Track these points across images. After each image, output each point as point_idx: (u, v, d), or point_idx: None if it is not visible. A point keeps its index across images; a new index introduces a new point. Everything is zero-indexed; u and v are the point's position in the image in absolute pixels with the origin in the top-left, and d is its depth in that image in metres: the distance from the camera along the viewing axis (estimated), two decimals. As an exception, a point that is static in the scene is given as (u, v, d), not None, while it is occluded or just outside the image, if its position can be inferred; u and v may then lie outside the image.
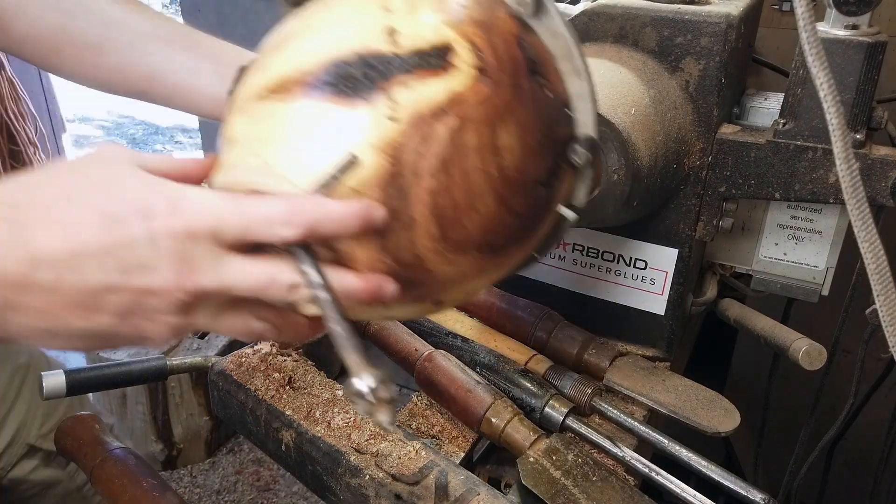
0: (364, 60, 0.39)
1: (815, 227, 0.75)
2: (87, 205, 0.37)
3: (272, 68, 0.42)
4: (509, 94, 0.41)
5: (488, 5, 0.43)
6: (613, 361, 0.75)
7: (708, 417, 0.68)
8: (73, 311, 0.37)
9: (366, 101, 0.39)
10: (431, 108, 0.39)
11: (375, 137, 0.38)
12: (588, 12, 0.67)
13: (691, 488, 0.61)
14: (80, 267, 0.36)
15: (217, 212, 0.37)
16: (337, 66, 0.39)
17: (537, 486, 0.62)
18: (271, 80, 0.41)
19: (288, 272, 0.39)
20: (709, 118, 0.65)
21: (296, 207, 0.37)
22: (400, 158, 0.39)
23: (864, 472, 1.08)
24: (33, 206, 0.37)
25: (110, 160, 0.39)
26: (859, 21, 0.62)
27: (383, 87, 0.39)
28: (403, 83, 0.39)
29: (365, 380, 0.38)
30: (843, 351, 0.87)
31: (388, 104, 0.39)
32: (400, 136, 0.38)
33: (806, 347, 0.70)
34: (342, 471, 0.64)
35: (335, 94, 0.39)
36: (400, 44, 0.40)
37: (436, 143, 0.39)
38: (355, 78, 0.39)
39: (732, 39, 0.62)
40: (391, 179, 0.39)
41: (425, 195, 0.39)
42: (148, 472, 0.70)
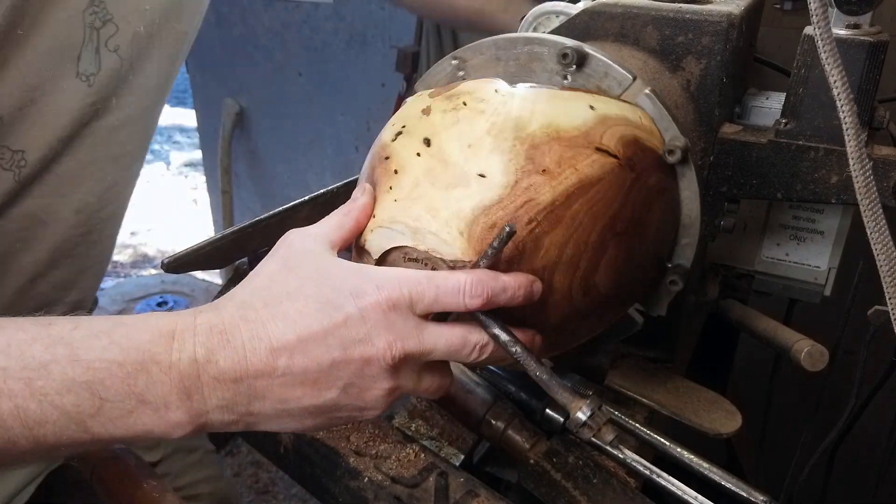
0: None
1: (818, 227, 0.75)
2: (305, 297, 0.43)
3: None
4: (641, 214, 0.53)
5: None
6: (614, 363, 0.75)
7: (709, 419, 0.68)
8: (306, 389, 0.44)
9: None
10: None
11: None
12: (588, 11, 0.67)
13: (693, 490, 0.61)
14: (308, 350, 0.43)
15: (412, 285, 0.44)
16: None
17: (538, 489, 0.62)
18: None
19: (477, 334, 0.47)
20: (710, 118, 0.65)
21: (478, 280, 0.45)
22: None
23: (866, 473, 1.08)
24: (264, 305, 0.43)
25: (309, 251, 0.47)
26: (861, 20, 0.61)
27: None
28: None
29: (584, 412, 0.47)
30: (845, 352, 0.86)
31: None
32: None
33: (808, 348, 0.69)
34: (341, 473, 0.63)
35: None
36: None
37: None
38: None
39: (734, 39, 0.62)
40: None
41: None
42: (148, 474, 0.70)
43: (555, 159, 0.49)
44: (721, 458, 1.16)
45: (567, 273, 0.49)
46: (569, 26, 0.67)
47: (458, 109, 0.52)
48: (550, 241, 0.48)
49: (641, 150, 0.53)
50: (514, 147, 0.49)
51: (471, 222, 0.47)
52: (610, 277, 0.51)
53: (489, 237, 0.47)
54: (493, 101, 0.52)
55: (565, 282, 0.49)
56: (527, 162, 0.48)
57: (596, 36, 0.67)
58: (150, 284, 2.83)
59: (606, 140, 0.51)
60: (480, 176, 0.48)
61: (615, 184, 0.50)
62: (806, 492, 0.94)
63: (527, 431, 0.66)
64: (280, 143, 2.37)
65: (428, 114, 0.53)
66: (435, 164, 0.50)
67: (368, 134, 2.15)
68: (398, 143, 0.53)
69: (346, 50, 2.10)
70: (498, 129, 0.50)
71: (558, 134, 0.50)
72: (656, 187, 0.54)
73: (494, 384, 0.71)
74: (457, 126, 0.51)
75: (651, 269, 0.58)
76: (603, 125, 0.52)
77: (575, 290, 0.50)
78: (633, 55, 0.64)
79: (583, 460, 0.64)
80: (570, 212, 0.48)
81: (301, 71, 2.22)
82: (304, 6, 2.14)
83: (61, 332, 0.41)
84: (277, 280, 0.45)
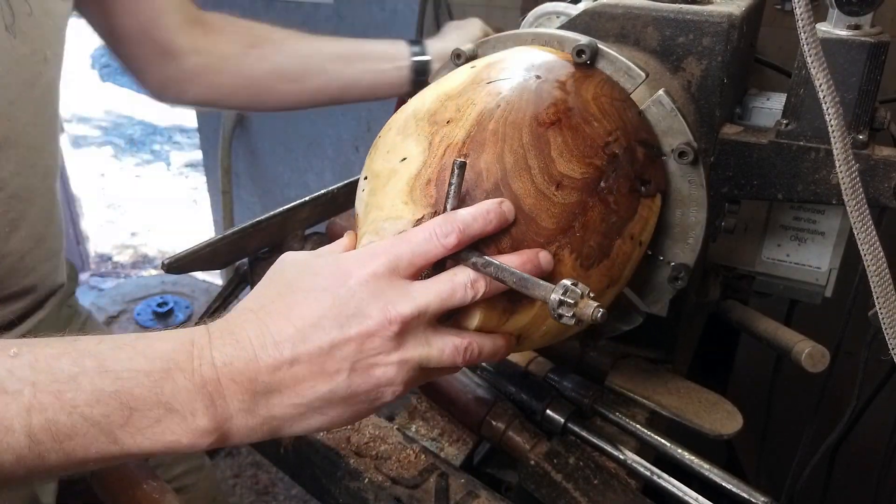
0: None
1: (818, 228, 0.75)
2: (294, 291, 0.46)
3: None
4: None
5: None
6: (615, 363, 0.75)
7: (710, 420, 0.68)
8: (316, 376, 0.45)
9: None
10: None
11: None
12: (589, 11, 0.67)
13: (693, 491, 0.61)
14: (307, 336, 0.44)
15: (387, 249, 0.46)
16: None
17: (538, 490, 0.62)
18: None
19: (461, 272, 0.47)
20: (711, 118, 0.65)
21: (444, 219, 0.46)
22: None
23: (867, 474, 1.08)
24: (260, 307, 0.46)
25: (294, 259, 0.49)
26: (861, 21, 0.61)
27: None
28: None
29: (557, 292, 0.44)
30: (846, 353, 0.86)
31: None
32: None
33: (809, 349, 0.69)
34: (341, 474, 0.63)
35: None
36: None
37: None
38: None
39: (735, 39, 0.62)
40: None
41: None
42: (148, 474, 0.69)
43: (453, 109, 0.54)
44: (722, 458, 1.16)
45: (521, 177, 0.50)
46: (569, 27, 0.67)
47: (376, 142, 0.59)
48: (485, 160, 0.50)
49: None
50: (418, 125, 0.54)
51: (409, 191, 0.51)
52: (573, 162, 0.52)
53: (430, 190, 0.50)
54: (395, 117, 0.59)
55: (527, 185, 0.50)
56: (431, 126, 0.54)
57: (596, 36, 0.67)
58: (151, 285, 2.83)
59: (495, 74, 0.56)
60: (403, 160, 0.53)
61: (519, 92, 0.54)
62: (807, 493, 0.94)
63: (527, 432, 0.66)
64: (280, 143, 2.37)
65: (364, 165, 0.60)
66: (372, 184, 0.55)
67: (368, 134, 2.15)
68: (356, 200, 0.58)
69: (346, 50, 2.10)
70: (402, 126, 0.56)
71: (448, 94, 0.56)
72: (571, 78, 0.57)
73: (495, 385, 0.71)
74: (376, 149, 0.58)
75: (627, 142, 0.56)
76: (487, 69, 0.58)
77: (544, 187, 0.51)
78: (633, 56, 0.64)
79: (583, 461, 0.64)
80: (489, 132, 0.51)
81: (301, 71, 2.22)
82: (305, 6, 2.14)
83: (87, 346, 0.43)
84: (268, 286, 0.48)
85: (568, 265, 0.52)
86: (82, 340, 0.43)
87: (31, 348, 0.42)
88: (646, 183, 0.58)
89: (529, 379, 0.72)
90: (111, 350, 0.43)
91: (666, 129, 0.59)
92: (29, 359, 0.41)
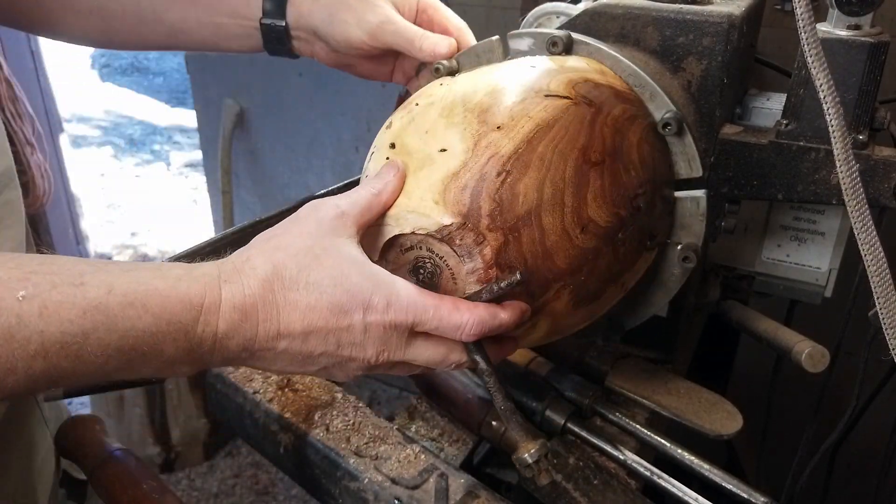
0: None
1: (818, 228, 0.75)
2: (321, 292, 0.46)
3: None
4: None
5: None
6: (615, 364, 0.75)
7: (710, 420, 0.68)
8: (294, 365, 0.49)
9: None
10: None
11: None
12: (589, 12, 0.67)
13: (693, 492, 0.61)
14: (307, 340, 0.47)
15: (419, 313, 0.47)
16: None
17: (538, 490, 0.62)
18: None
19: (457, 353, 0.50)
20: (711, 118, 0.64)
21: (479, 322, 0.48)
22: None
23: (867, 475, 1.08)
24: (282, 287, 0.46)
25: (337, 241, 0.48)
26: (861, 21, 0.61)
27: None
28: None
29: (532, 455, 0.52)
30: (846, 353, 0.86)
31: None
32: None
33: (809, 350, 0.69)
34: (341, 474, 0.63)
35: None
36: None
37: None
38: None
39: (735, 39, 0.62)
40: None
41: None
42: (148, 475, 0.69)
43: (506, 115, 0.51)
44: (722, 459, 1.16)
45: (554, 212, 0.50)
46: (569, 27, 0.67)
47: (412, 111, 0.56)
48: (525, 185, 0.49)
49: (595, 87, 0.56)
50: (466, 117, 0.52)
51: (443, 190, 0.49)
52: (603, 209, 0.52)
53: (463, 197, 0.49)
54: (438, 91, 0.56)
55: (556, 222, 0.50)
56: (480, 125, 0.51)
57: (597, 36, 0.67)
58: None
59: (554, 87, 0.54)
60: (442, 151, 0.51)
61: (575, 120, 0.52)
62: (807, 493, 0.94)
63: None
64: (280, 143, 2.37)
65: (390, 126, 0.57)
66: (401, 159, 0.53)
67: (368, 134, 2.15)
68: (373, 161, 0.56)
69: (346, 50, 2.10)
70: (448, 109, 0.53)
71: (503, 92, 0.53)
72: (623, 116, 0.55)
73: (495, 385, 0.71)
74: (413, 123, 0.54)
75: (652, 196, 0.57)
76: (547, 76, 0.55)
77: (570, 227, 0.50)
78: (633, 56, 0.64)
79: (583, 461, 0.64)
80: (536, 154, 0.50)
81: (301, 71, 2.22)
82: (305, 6, 2.14)
83: (97, 296, 0.42)
84: (302, 265, 0.47)
85: (562, 303, 0.53)
86: (90, 287, 0.42)
87: (37, 290, 0.41)
88: (653, 238, 0.59)
89: (529, 379, 0.72)
90: (121, 306, 0.42)
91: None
92: (38, 305, 0.40)
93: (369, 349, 0.48)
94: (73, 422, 0.77)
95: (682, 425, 0.68)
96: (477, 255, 0.49)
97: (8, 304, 0.39)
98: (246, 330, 0.46)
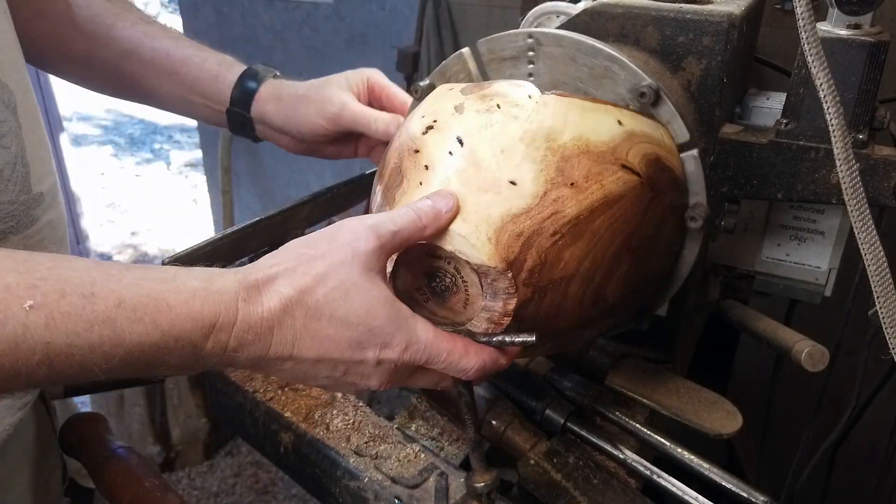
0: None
1: (818, 227, 0.75)
2: (342, 325, 0.46)
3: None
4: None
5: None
6: (615, 363, 0.75)
7: (710, 419, 0.68)
8: (293, 378, 0.50)
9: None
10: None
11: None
12: (589, 11, 0.67)
13: (693, 491, 0.61)
14: (316, 366, 0.48)
15: (432, 354, 0.48)
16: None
17: (538, 489, 0.62)
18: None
19: (448, 381, 0.53)
20: (711, 118, 0.64)
21: (483, 368, 0.50)
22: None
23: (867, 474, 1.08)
24: (304, 316, 0.46)
25: (367, 280, 0.47)
26: (861, 20, 0.61)
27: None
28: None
29: (486, 486, 0.56)
30: (846, 352, 0.86)
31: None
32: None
33: (808, 349, 0.69)
34: (341, 473, 0.63)
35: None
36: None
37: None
38: None
39: (734, 39, 0.62)
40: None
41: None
42: (150, 472, 0.70)
43: (583, 173, 0.50)
44: (721, 458, 1.16)
45: (582, 285, 0.50)
46: (569, 27, 0.67)
47: (492, 112, 0.51)
48: (571, 254, 0.49)
49: (661, 169, 0.55)
50: (546, 157, 0.49)
51: (499, 229, 0.48)
52: (619, 290, 0.53)
53: (515, 245, 0.48)
54: (526, 107, 0.51)
55: (579, 293, 0.50)
56: (556, 174, 0.49)
57: (596, 36, 0.67)
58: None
59: (632, 157, 0.52)
60: (511, 183, 0.49)
61: (636, 202, 0.52)
62: (807, 492, 0.94)
63: (527, 432, 0.66)
64: (280, 142, 2.37)
65: (461, 112, 0.52)
66: (467, 166, 0.50)
67: (368, 134, 2.15)
68: (429, 138, 0.52)
69: (346, 50, 2.10)
70: (531, 136, 0.50)
71: (588, 147, 0.51)
72: (670, 206, 0.56)
73: (494, 384, 0.71)
74: (490, 129, 0.51)
75: (654, 283, 0.59)
76: (629, 142, 0.53)
77: (586, 301, 0.51)
78: (633, 55, 0.64)
79: (583, 461, 0.64)
80: (593, 227, 0.49)
81: (301, 71, 2.22)
82: (304, 6, 2.14)
83: (105, 309, 0.41)
84: (330, 297, 0.46)
85: (542, 350, 0.57)
86: (99, 298, 0.41)
87: (45, 300, 0.40)
88: (643, 312, 0.61)
89: (529, 378, 0.72)
90: (129, 321, 0.42)
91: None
92: (45, 316, 0.40)
93: (374, 380, 0.49)
94: (77, 419, 0.78)
95: (681, 424, 0.68)
96: (500, 300, 0.49)
97: (14, 312, 0.39)
98: (257, 348, 0.46)
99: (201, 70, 0.82)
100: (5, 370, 0.39)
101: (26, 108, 0.61)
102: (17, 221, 0.60)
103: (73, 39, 0.79)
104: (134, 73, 0.81)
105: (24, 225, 0.60)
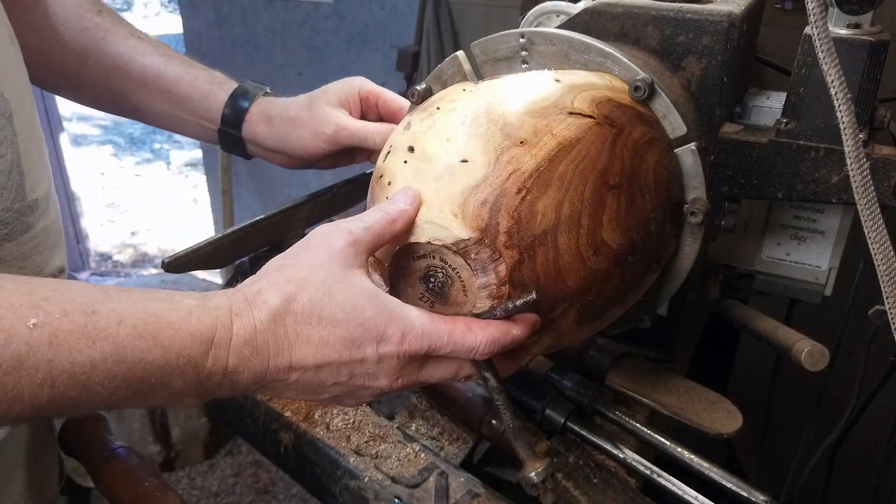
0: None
1: (818, 227, 0.75)
2: (334, 326, 0.46)
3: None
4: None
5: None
6: (615, 363, 0.75)
7: (710, 419, 0.68)
8: (304, 394, 0.50)
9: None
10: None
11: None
12: (589, 10, 0.67)
13: (693, 490, 0.61)
14: (319, 373, 0.47)
15: (433, 340, 0.48)
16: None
17: (538, 489, 0.62)
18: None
19: (468, 367, 0.51)
20: (711, 117, 0.65)
21: (492, 341, 0.48)
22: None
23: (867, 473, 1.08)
24: (295, 322, 0.46)
25: (349, 276, 0.47)
26: (861, 20, 0.61)
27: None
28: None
29: (538, 474, 0.52)
30: (846, 352, 0.86)
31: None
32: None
33: (808, 348, 0.69)
34: (341, 473, 0.63)
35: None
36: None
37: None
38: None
39: (734, 38, 0.62)
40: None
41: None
42: (150, 472, 0.70)
43: (530, 130, 0.51)
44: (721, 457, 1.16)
45: (570, 233, 0.50)
46: (569, 26, 0.67)
47: (433, 114, 0.55)
48: (544, 204, 0.49)
49: (618, 108, 0.55)
50: (489, 129, 0.51)
51: (462, 203, 0.49)
52: (617, 232, 0.52)
53: (483, 213, 0.49)
54: (462, 98, 0.55)
55: (571, 242, 0.50)
56: (503, 138, 0.51)
57: (596, 35, 0.67)
58: (151, 284, 2.83)
59: (578, 104, 0.53)
60: (463, 161, 0.50)
61: (597, 140, 0.52)
62: (806, 492, 0.94)
63: (527, 431, 0.66)
64: (280, 142, 2.37)
65: (408, 128, 0.56)
66: (420, 165, 0.52)
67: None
68: (388, 161, 0.55)
69: (346, 50, 2.10)
70: (471, 118, 0.53)
71: (528, 108, 0.52)
72: (643, 139, 0.55)
73: (495, 384, 0.71)
74: (433, 127, 0.54)
75: (662, 219, 0.57)
76: (571, 93, 0.54)
77: (584, 249, 0.50)
78: (633, 55, 0.64)
79: (583, 460, 0.64)
80: (557, 174, 0.50)
81: (301, 70, 2.22)
82: (304, 6, 2.14)
83: (107, 326, 0.42)
84: (314, 299, 0.47)
85: (567, 321, 0.53)
86: (101, 316, 0.42)
87: (48, 318, 0.41)
88: (659, 260, 0.59)
89: (529, 378, 0.72)
90: (130, 338, 0.42)
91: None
92: (48, 333, 0.40)
93: (382, 379, 0.49)
94: (77, 419, 0.78)
95: (681, 424, 0.69)
96: (491, 271, 0.49)
97: (18, 331, 0.39)
98: (257, 364, 0.46)
99: (192, 88, 0.81)
100: (8, 391, 0.39)
101: (22, 114, 0.61)
102: (11, 229, 0.60)
103: (63, 53, 0.79)
104: (124, 90, 0.81)
105: (18, 232, 0.61)
